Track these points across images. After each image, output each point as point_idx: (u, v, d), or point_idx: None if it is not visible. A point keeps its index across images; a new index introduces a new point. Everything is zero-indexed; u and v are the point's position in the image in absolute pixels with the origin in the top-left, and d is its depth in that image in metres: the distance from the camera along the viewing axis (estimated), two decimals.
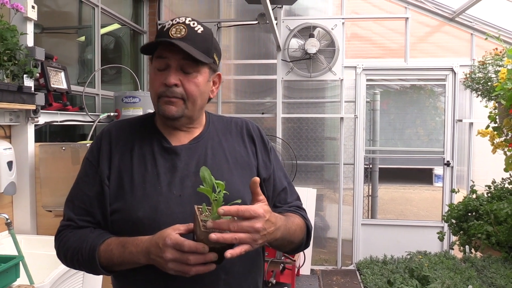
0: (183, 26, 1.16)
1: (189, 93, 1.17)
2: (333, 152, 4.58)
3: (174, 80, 1.14)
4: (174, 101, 1.17)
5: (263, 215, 1.00)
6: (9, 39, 2.05)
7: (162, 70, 1.16)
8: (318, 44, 3.99)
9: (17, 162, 2.27)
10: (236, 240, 0.96)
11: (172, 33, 1.15)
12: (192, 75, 1.16)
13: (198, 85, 1.18)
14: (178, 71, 1.16)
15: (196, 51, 1.14)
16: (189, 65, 1.15)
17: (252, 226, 0.97)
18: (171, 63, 1.15)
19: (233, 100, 4.82)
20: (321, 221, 4.67)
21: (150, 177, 1.18)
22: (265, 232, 1.00)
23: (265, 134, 1.40)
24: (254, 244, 0.99)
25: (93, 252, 1.12)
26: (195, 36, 1.16)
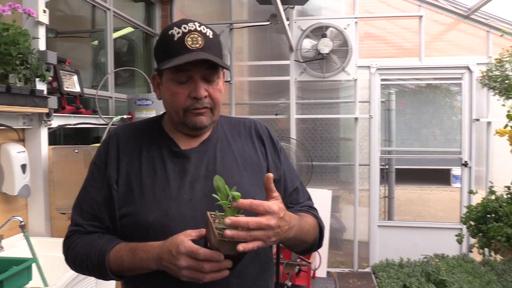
0: (197, 34, 1.11)
1: (216, 101, 1.16)
2: (348, 153, 4.52)
3: (204, 92, 1.12)
4: (203, 112, 1.15)
5: (278, 212, 0.97)
6: (21, 43, 2.06)
7: (184, 83, 1.13)
8: (331, 44, 3.94)
9: (31, 165, 2.28)
10: (251, 237, 0.93)
11: (189, 44, 1.11)
12: (215, 83, 1.15)
13: (221, 91, 1.18)
14: (202, 81, 1.13)
15: (217, 59, 1.12)
16: (211, 74, 1.13)
17: (267, 223, 0.95)
18: (193, 74, 1.12)
19: (246, 101, 4.80)
20: (337, 222, 4.61)
21: (159, 181, 1.16)
22: (279, 230, 0.98)
23: (274, 134, 1.37)
24: (268, 241, 0.96)
25: (103, 258, 1.11)
26: (211, 42, 1.13)
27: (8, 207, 2.21)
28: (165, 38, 1.14)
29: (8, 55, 1.99)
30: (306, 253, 1.31)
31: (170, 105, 1.18)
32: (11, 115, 2.19)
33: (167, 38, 1.13)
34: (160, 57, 1.15)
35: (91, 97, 3.19)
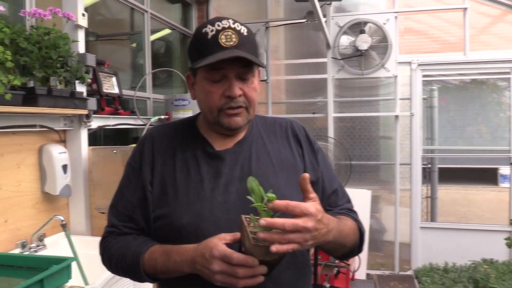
0: (231, 32, 1.08)
1: (251, 100, 1.13)
2: (389, 152, 4.38)
3: (238, 91, 1.09)
4: (238, 112, 1.12)
5: (316, 214, 0.92)
6: (62, 46, 2.11)
7: (218, 82, 1.11)
8: (370, 40, 3.82)
9: (72, 166, 2.33)
10: (286, 239, 0.89)
11: (223, 41, 1.08)
12: (250, 81, 1.12)
13: (257, 90, 1.14)
14: (237, 80, 1.10)
15: (252, 57, 1.08)
16: (246, 72, 1.10)
17: (304, 225, 0.90)
18: (228, 73, 1.09)
19: (283, 100, 4.75)
20: (377, 223, 4.48)
21: (193, 183, 1.14)
22: (317, 233, 0.93)
23: (311, 134, 1.33)
24: (304, 244, 0.92)
25: (137, 260, 1.10)
26: (245, 40, 1.09)
27: (50, 206, 2.27)
28: (198, 36, 1.12)
29: (49, 58, 2.04)
30: (346, 258, 1.25)
31: (204, 104, 1.15)
32: (53, 117, 2.25)
33: (200, 37, 1.11)
34: (194, 56, 1.13)
35: (129, 98, 3.24)
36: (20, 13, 2.10)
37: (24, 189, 2.11)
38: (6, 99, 1.71)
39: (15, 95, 1.82)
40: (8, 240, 1.99)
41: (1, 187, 1.98)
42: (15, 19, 2.29)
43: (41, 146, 2.21)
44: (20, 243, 2.01)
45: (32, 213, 2.15)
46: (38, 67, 2.01)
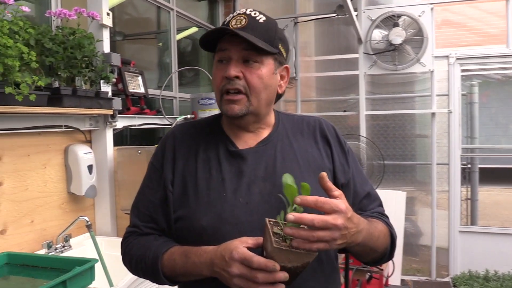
0: (243, 17, 1.10)
1: (252, 86, 1.10)
2: (425, 151, 4.25)
3: (234, 71, 1.08)
4: (236, 99, 1.10)
5: (346, 211, 0.89)
6: (86, 46, 2.15)
7: (223, 63, 1.12)
8: (404, 34, 3.72)
9: (97, 166, 2.37)
10: (314, 236, 0.86)
11: (232, 24, 1.10)
12: (255, 66, 1.09)
13: (262, 77, 1.10)
14: (239, 62, 1.09)
15: (257, 40, 1.07)
16: (251, 56, 1.09)
17: (333, 222, 0.87)
18: (232, 55, 1.09)
19: (313, 98, 4.69)
20: (412, 226, 4.36)
21: (214, 183, 1.13)
22: (346, 232, 0.90)
23: (341, 134, 1.29)
24: (333, 243, 0.89)
25: (156, 261, 1.10)
26: (257, 25, 1.09)
27: (76, 206, 2.32)
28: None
29: (74, 58, 2.08)
30: (376, 263, 1.20)
31: (213, 87, 1.16)
32: (78, 117, 2.29)
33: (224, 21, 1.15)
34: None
35: (155, 98, 3.28)
36: (46, 13, 2.15)
37: (50, 189, 2.15)
38: (31, 100, 1.75)
39: (40, 95, 1.86)
40: (35, 240, 2.04)
41: (28, 187, 2.03)
42: (41, 19, 2.35)
43: (67, 146, 2.25)
44: (46, 243, 2.06)
45: (58, 214, 2.20)
46: (63, 67, 2.05)
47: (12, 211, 1.94)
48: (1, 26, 1.66)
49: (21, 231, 1.98)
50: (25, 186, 2.01)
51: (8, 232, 1.91)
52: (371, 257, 1.14)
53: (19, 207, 1.97)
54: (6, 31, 1.68)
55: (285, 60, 1.20)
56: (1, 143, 1.89)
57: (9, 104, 1.73)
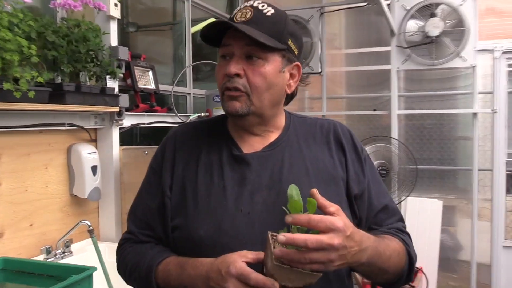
0: (249, 9, 1.10)
1: (253, 84, 1.10)
2: (465, 155, 4.15)
3: (235, 69, 1.08)
4: (236, 96, 1.10)
5: (343, 229, 0.88)
6: (92, 39, 2.18)
7: (226, 59, 1.12)
8: (442, 25, 3.63)
9: (102, 167, 2.41)
10: (306, 259, 0.86)
11: (237, 17, 1.10)
12: (258, 63, 1.09)
13: (265, 75, 1.10)
14: (242, 59, 1.10)
15: (260, 34, 1.06)
16: (254, 52, 1.08)
17: (329, 242, 0.86)
18: (234, 50, 1.10)
19: (340, 95, 4.65)
20: (450, 239, 4.26)
21: (215, 190, 1.13)
22: (345, 252, 0.89)
23: (358, 140, 1.27)
24: (329, 265, 0.88)
25: (150, 271, 1.11)
26: (263, 18, 1.09)
27: (79, 210, 2.36)
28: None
29: (78, 52, 2.11)
30: (391, 286, 1.17)
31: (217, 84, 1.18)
32: (83, 115, 2.34)
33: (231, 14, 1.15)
34: None
35: (168, 94, 3.31)
36: (50, 4, 2.19)
37: (51, 191, 2.20)
38: (30, 97, 1.79)
39: (41, 92, 1.91)
40: (33, 245, 2.09)
41: (27, 188, 2.08)
42: (46, 11, 2.40)
43: (70, 145, 2.30)
44: (45, 248, 2.10)
45: (59, 217, 2.24)
46: (66, 61, 2.09)
47: (10, 214, 1.99)
48: (0, 18, 1.71)
49: (19, 235, 2.03)
50: (24, 187, 2.06)
51: (5, 236, 1.97)
52: (382, 279, 1.11)
53: (18, 210, 2.03)
54: (6, 23, 1.73)
55: (297, 57, 1.19)
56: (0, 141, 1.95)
57: (8, 101, 1.78)
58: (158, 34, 4.04)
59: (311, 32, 3.91)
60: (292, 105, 4.90)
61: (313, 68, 3.96)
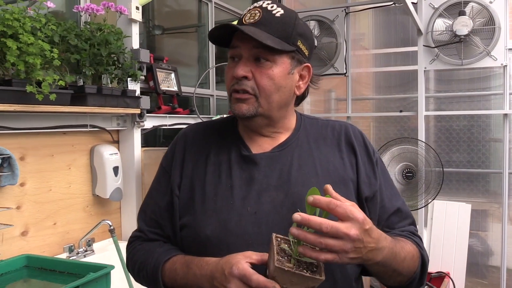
0: (258, 10, 1.10)
1: (261, 87, 1.10)
2: (495, 158, 4.03)
3: (242, 71, 1.09)
4: (244, 98, 1.11)
5: (362, 221, 0.87)
6: (113, 42, 2.24)
7: (237, 62, 1.13)
8: (471, 24, 3.55)
9: (124, 168, 2.47)
10: (321, 243, 0.85)
11: (246, 19, 1.11)
12: (266, 65, 1.10)
13: (273, 78, 1.10)
14: (250, 61, 1.10)
15: (268, 36, 1.07)
16: (262, 54, 1.09)
17: (345, 231, 0.85)
18: (242, 52, 1.10)
19: (365, 96, 4.60)
20: (480, 244, 4.15)
21: (222, 189, 1.14)
22: (361, 245, 0.87)
23: (370, 142, 1.26)
24: (344, 256, 0.87)
25: (157, 269, 1.13)
26: (271, 20, 1.09)
27: (102, 210, 2.42)
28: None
29: (99, 55, 2.17)
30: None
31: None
32: (106, 117, 2.40)
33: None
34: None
35: (191, 96, 3.35)
36: (74, 9, 2.26)
37: (74, 191, 2.27)
38: (51, 99, 1.85)
39: (63, 94, 1.97)
40: (57, 243, 2.16)
41: (51, 188, 2.15)
42: (71, 15, 2.48)
43: (93, 146, 2.36)
44: (67, 247, 2.17)
45: (82, 217, 2.31)
46: (88, 64, 2.15)
47: (34, 213, 2.06)
48: (23, 23, 1.78)
49: (43, 234, 2.10)
50: (48, 187, 2.13)
51: (29, 234, 2.04)
52: (395, 281, 1.10)
53: (42, 209, 2.10)
54: (28, 28, 1.79)
55: (307, 58, 1.19)
56: (24, 142, 2.02)
57: (30, 103, 1.85)
58: (183, 36, 4.10)
59: (336, 33, 3.89)
60: (319, 107, 4.91)
61: (338, 69, 3.94)
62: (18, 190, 1.99)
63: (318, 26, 3.95)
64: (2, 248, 1.90)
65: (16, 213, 1.98)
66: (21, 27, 1.76)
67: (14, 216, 1.97)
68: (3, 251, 1.90)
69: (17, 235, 1.99)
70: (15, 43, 1.73)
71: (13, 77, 1.80)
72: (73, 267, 1.82)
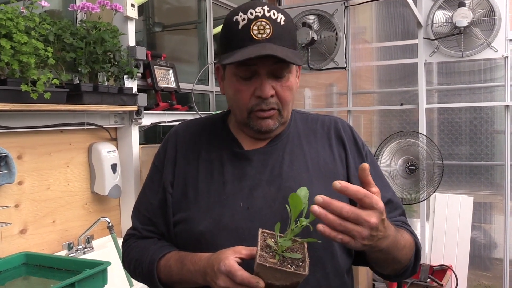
0: (265, 22, 1.06)
1: (284, 101, 1.11)
2: (497, 150, 4.02)
3: (270, 91, 1.08)
4: (270, 115, 1.11)
5: (382, 212, 0.88)
6: (109, 40, 2.25)
7: (248, 79, 1.09)
8: (471, 15, 3.52)
9: (122, 165, 2.48)
10: (342, 226, 0.85)
11: (255, 33, 1.06)
12: (285, 79, 1.10)
13: (292, 89, 1.12)
14: (270, 78, 1.09)
15: (289, 52, 1.06)
16: (281, 69, 1.08)
17: (366, 218, 0.85)
18: (259, 70, 1.07)
19: (366, 90, 4.59)
20: (483, 236, 4.14)
21: (215, 186, 1.15)
22: (375, 233, 0.88)
23: (359, 136, 1.27)
24: (359, 241, 0.87)
25: (152, 266, 1.15)
26: (281, 31, 1.07)
27: (101, 207, 2.44)
28: (228, 25, 1.10)
29: (95, 53, 2.18)
30: (396, 277, 1.17)
31: (234, 103, 1.15)
32: (103, 114, 2.41)
33: (231, 26, 1.09)
34: (223, 47, 1.12)
35: (190, 92, 3.36)
36: (69, 7, 2.27)
37: (72, 189, 2.29)
38: (47, 98, 1.86)
39: (58, 92, 1.98)
40: (56, 240, 2.18)
41: (49, 186, 2.17)
42: (67, 14, 2.49)
43: (91, 144, 2.38)
44: (66, 244, 2.19)
45: (81, 214, 2.33)
46: (84, 63, 2.16)
47: (33, 211, 2.08)
48: (16, 22, 1.79)
49: (42, 231, 2.12)
50: (46, 185, 2.15)
51: (28, 232, 2.06)
52: (392, 269, 1.12)
53: (40, 207, 2.12)
54: (22, 27, 1.81)
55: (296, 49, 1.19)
56: (21, 141, 2.03)
57: (26, 102, 1.86)
58: (183, 33, 4.11)
59: (336, 27, 3.88)
60: (320, 101, 4.88)
61: (338, 63, 3.93)
62: (16, 189, 2.01)
63: (317, 20, 3.94)
64: (1, 246, 1.93)
65: (14, 212, 2.00)
66: (15, 26, 1.77)
67: (13, 214, 1.99)
68: (2, 249, 1.93)
69: (16, 233, 2.01)
70: (9, 42, 1.74)
71: (8, 76, 1.81)
72: (71, 264, 1.84)
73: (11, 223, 1.93)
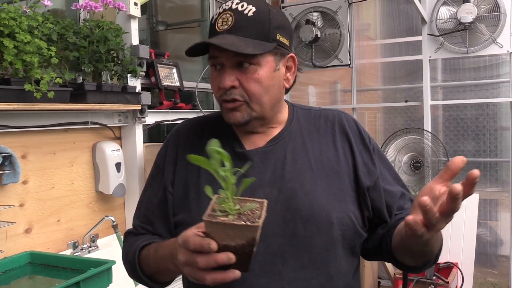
0: (229, 14, 1.07)
1: (250, 92, 1.09)
2: (503, 146, 3.99)
3: (229, 82, 1.07)
4: (236, 106, 1.10)
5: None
6: (112, 39, 2.24)
7: (219, 70, 1.11)
8: (476, 11, 3.49)
9: (126, 164, 2.48)
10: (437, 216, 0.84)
11: (219, 25, 1.08)
12: (251, 70, 1.08)
13: (260, 81, 1.09)
14: (234, 69, 1.08)
15: (246, 42, 1.05)
16: (245, 59, 1.07)
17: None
18: (224, 61, 1.08)
19: (370, 87, 4.57)
20: (489, 233, 4.12)
21: (217, 187, 1.15)
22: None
23: (365, 130, 1.25)
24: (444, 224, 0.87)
25: (134, 258, 1.13)
26: (245, 22, 1.07)
27: (105, 206, 2.44)
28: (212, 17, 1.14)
29: (98, 52, 2.18)
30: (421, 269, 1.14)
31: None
32: (107, 113, 2.41)
33: (212, 18, 1.13)
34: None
35: (193, 91, 3.35)
36: (72, 6, 2.27)
37: (77, 188, 2.29)
38: (50, 97, 1.86)
39: (62, 91, 1.98)
40: (61, 239, 2.18)
41: (54, 185, 2.17)
42: (70, 13, 2.49)
43: (95, 143, 2.37)
44: (71, 243, 2.19)
45: (86, 213, 2.33)
46: (87, 62, 2.16)
47: (38, 210, 2.08)
48: (19, 22, 1.79)
49: (47, 230, 2.12)
50: (51, 184, 2.15)
51: (33, 231, 2.06)
52: (424, 260, 1.10)
53: (45, 206, 2.12)
54: (25, 27, 1.80)
55: (289, 49, 1.17)
56: (25, 141, 2.03)
57: (30, 101, 1.86)
58: (187, 31, 4.10)
59: (340, 24, 3.86)
60: (324, 99, 4.87)
61: (342, 60, 3.91)
62: (21, 188, 2.01)
63: (321, 17, 3.93)
64: (6, 246, 1.93)
65: (19, 211, 2.00)
66: (18, 26, 1.77)
67: (18, 213, 1.99)
68: (8, 248, 1.93)
69: (21, 233, 2.01)
70: (12, 42, 1.74)
71: (11, 76, 1.81)
72: (75, 263, 1.85)
73: (15, 222, 1.93)
